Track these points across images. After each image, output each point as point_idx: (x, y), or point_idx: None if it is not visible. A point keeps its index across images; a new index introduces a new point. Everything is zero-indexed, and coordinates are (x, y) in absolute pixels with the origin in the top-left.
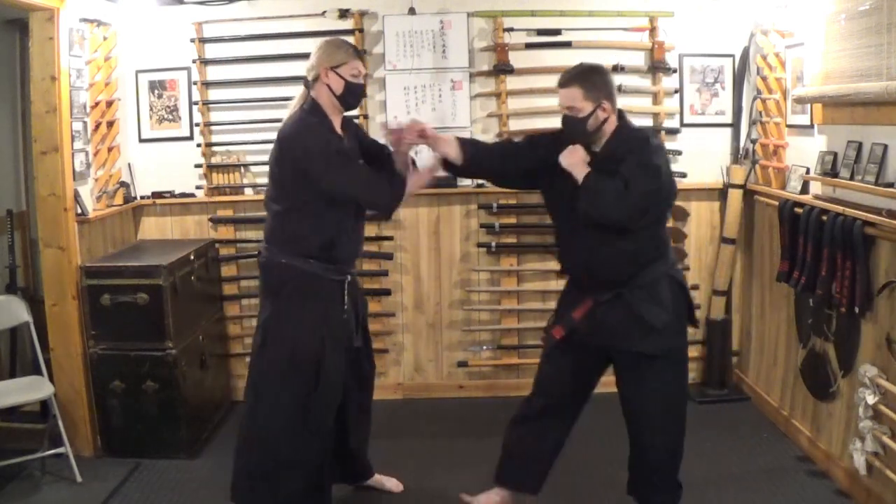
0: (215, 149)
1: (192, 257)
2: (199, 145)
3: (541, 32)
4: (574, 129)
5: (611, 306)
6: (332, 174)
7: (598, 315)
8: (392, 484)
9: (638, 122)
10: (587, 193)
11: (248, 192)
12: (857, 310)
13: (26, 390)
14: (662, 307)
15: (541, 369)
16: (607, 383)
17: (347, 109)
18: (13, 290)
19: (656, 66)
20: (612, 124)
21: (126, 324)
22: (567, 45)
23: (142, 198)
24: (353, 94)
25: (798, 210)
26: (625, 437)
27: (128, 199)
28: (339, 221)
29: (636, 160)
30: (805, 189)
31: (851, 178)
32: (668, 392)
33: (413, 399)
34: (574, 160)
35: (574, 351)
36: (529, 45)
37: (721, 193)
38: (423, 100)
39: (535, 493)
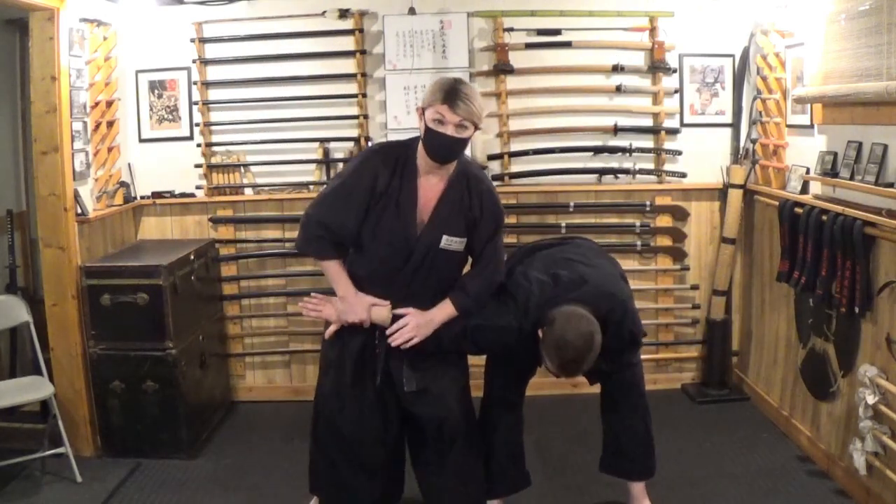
0: (215, 149)
1: (192, 257)
2: (199, 145)
3: (541, 32)
4: None
5: None
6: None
7: None
8: None
9: (638, 121)
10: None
11: (248, 192)
12: (857, 310)
13: (26, 390)
14: None
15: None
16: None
17: (435, 161)
18: (13, 290)
19: (656, 66)
20: None
21: (126, 324)
22: (567, 45)
23: (142, 198)
24: (432, 143)
25: (798, 210)
26: None
27: (128, 199)
28: (370, 263)
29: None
30: (805, 189)
31: (851, 178)
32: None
33: None
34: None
35: None
36: (529, 45)
37: (721, 193)
38: None
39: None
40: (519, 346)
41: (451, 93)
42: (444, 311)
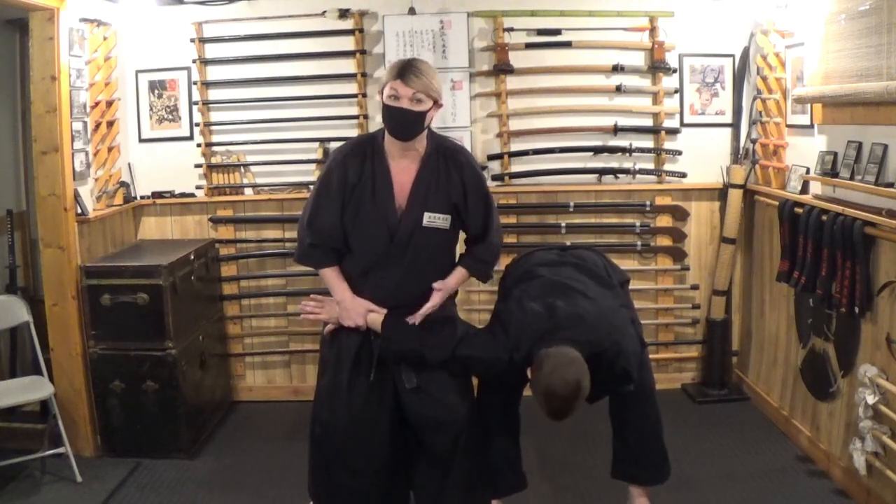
0: (215, 149)
1: (192, 257)
2: (199, 145)
3: (541, 32)
4: None
5: None
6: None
7: None
8: None
9: (638, 121)
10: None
11: (248, 192)
12: (857, 310)
13: (26, 390)
14: None
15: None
16: None
17: (395, 137)
18: (13, 290)
19: (656, 66)
20: None
21: (126, 324)
22: (567, 45)
23: (142, 198)
24: (389, 119)
25: (798, 210)
26: None
27: (128, 199)
28: (359, 258)
29: None
30: (805, 189)
31: (851, 178)
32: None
33: None
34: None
35: None
36: (529, 45)
37: (721, 193)
38: None
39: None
40: (509, 375)
41: (404, 68)
42: (457, 276)
